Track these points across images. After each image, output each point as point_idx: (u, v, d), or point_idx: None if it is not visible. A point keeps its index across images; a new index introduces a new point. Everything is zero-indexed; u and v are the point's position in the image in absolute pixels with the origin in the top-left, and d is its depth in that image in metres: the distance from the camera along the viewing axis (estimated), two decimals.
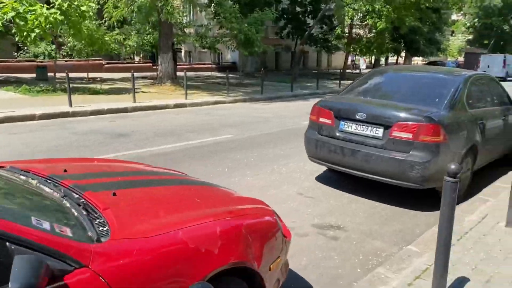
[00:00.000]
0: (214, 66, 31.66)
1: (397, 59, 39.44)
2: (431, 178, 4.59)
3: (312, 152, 5.46)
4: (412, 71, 6.38)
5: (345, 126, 5.09)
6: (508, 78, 33.67)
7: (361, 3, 20.88)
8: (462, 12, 47.68)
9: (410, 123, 4.57)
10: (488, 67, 33.05)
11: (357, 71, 37.52)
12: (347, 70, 31.83)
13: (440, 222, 2.51)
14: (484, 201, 4.73)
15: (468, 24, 48.37)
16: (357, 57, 38.65)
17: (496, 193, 4.98)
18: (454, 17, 52.05)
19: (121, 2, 14.69)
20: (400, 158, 4.58)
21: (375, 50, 27.92)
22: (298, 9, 29.37)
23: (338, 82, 23.05)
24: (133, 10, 15.47)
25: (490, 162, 6.10)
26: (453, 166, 2.41)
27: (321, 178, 5.84)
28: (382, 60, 37.47)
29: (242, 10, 20.86)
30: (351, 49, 28.86)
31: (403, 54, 37.95)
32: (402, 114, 4.68)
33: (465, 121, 4.99)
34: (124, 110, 11.55)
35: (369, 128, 4.88)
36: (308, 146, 5.51)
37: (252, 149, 7.31)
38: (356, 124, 4.99)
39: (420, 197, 5.08)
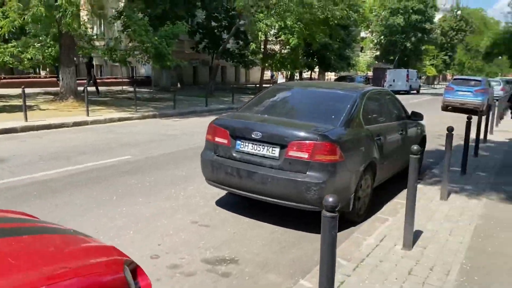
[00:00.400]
0: (128, 80, 30.26)
1: (311, 74, 40.80)
2: None
3: (209, 175, 5.01)
4: (311, 87, 6.24)
5: (242, 146, 4.71)
6: (412, 91, 36.37)
7: (272, 19, 21.13)
8: (369, 29, 51.00)
9: (305, 142, 4.30)
10: (394, 81, 35.42)
11: None
12: (266, 85, 32.21)
13: (320, 264, 2.15)
14: (383, 221, 4.59)
15: (375, 41, 51.75)
16: (276, 71, 39.41)
17: (395, 211, 4.89)
18: (363, 34, 55.46)
19: (10, 12, 13.23)
20: (296, 179, 4.29)
21: (289, 66, 28.52)
22: (213, 23, 29.17)
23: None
24: (27, 21, 14.06)
25: (391, 177, 6.10)
26: (330, 199, 2.07)
27: (221, 202, 5.40)
28: (297, 75, 38.52)
29: (153, 23, 20.16)
30: (266, 64, 29.22)
31: (316, 69, 39.32)
32: (298, 133, 4.41)
33: (362, 137, 4.85)
34: (13, 131, 10.27)
35: (266, 147, 4.54)
36: (204, 168, 5.06)
37: (150, 171, 6.69)
38: (253, 143, 4.63)
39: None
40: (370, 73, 52.96)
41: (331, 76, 49.55)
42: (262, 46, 29.19)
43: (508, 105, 7.60)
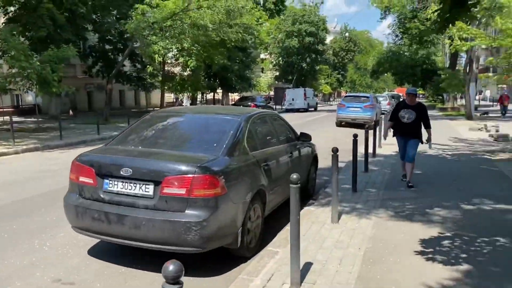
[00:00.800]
0: (12, 109, 27.37)
1: (214, 96, 40.79)
2: (213, 237, 3.92)
3: (74, 221, 4.28)
4: (194, 112, 5.83)
5: (110, 185, 4.10)
6: (310, 109, 37.99)
7: (167, 41, 20.56)
8: (268, 51, 52.76)
9: (182, 176, 3.83)
10: (293, 99, 36.75)
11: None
12: (171, 107, 31.31)
13: None
14: (273, 254, 4.26)
15: (274, 62, 53.65)
16: (179, 94, 38.65)
17: (286, 241, 4.58)
18: (263, 55, 57.19)
19: None
20: (174, 219, 3.79)
21: (189, 88, 28.06)
22: (107, 46, 27.73)
23: None
24: None
25: (286, 201, 5.86)
26: (171, 267, 1.63)
27: (95, 251, 4.67)
28: (199, 97, 38.21)
29: (35, 48, 18.50)
30: (166, 87, 28.46)
31: (219, 90, 39.41)
32: (173, 166, 3.93)
33: (247, 165, 4.51)
34: None
35: (138, 185, 3.99)
36: (68, 213, 4.32)
37: (14, 219, 5.71)
38: (123, 182, 4.04)
39: (208, 260, 4.37)
40: (272, 93, 54.65)
41: (235, 96, 50.09)
42: (161, 68, 28.42)
43: (390, 124, 7.87)
